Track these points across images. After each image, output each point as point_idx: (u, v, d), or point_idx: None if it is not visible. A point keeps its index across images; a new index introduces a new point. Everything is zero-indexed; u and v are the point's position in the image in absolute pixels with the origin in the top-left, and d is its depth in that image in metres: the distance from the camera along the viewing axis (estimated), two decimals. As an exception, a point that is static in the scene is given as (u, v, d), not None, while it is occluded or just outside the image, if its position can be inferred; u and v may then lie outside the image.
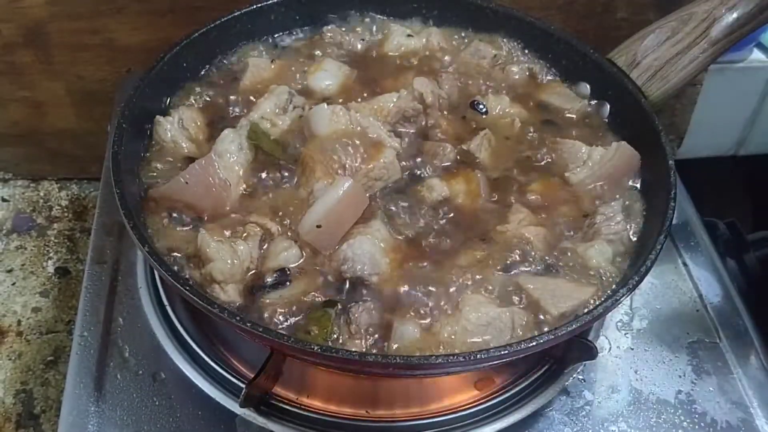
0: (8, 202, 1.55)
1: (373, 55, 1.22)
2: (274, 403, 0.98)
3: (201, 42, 1.13)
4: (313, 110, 1.05)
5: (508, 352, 0.80)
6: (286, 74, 1.17)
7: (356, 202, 0.96)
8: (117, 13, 1.36)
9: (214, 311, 0.81)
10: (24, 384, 1.26)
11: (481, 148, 1.07)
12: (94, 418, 0.97)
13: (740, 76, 1.57)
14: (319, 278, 0.92)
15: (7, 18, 1.35)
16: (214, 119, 1.10)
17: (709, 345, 1.08)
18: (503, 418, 0.98)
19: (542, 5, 1.43)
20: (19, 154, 1.57)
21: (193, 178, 0.97)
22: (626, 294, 0.86)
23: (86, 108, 1.49)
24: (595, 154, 1.06)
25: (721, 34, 1.06)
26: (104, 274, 1.12)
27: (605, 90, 1.15)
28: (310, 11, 1.23)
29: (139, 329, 1.06)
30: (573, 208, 1.03)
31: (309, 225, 0.94)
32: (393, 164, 1.02)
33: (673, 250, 1.19)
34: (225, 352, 1.04)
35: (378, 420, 0.98)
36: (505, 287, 0.92)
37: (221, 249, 0.90)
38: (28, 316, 1.36)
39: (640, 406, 1.01)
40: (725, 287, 1.16)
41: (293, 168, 1.02)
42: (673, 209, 0.93)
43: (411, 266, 0.94)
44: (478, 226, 0.99)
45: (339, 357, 0.81)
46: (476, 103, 1.14)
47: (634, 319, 1.11)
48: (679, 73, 1.08)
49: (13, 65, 1.42)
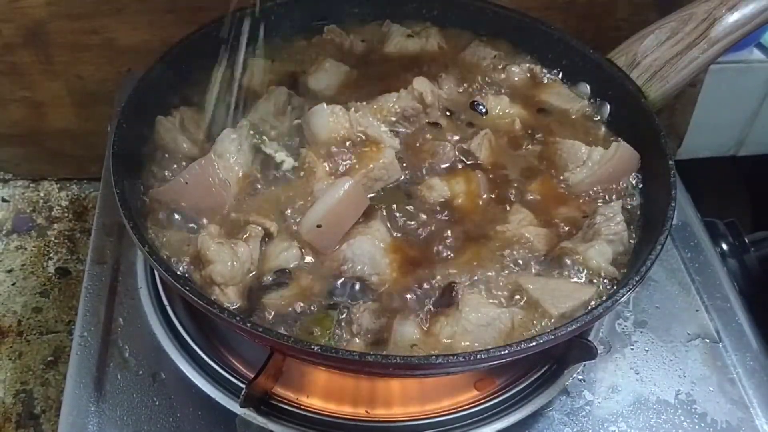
0: (8, 203, 1.55)
1: (373, 55, 1.22)
2: (274, 403, 0.98)
3: (201, 42, 1.13)
4: (312, 110, 1.05)
5: (508, 352, 0.80)
6: (286, 74, 1.17)
7: (356, 202, 0.96)
8: (117, 13, 1.36)
9: (214, 311, 0.81)
10: (24, 384, 1.26)
11: (481, 148, 1.07)
12: (94, 418, 0.97)
13: (740, 76, 1.57)
14: (319, 278, 0.92)
15: (7, 18, 1.35)
16: (214, 119, 1.09)
17: (709, 345, 1.08)
18: (503, 418, 0.98)
19: (542, 5, 1.43)
20: (19, 154, 1.57)
21: (193, 178, 0.97)
22: (626, 294, 0.86)
23: (86, 108, 1.49)
24: (594, 154, 1.06)
25: (721, 34, 1.06)
26: (104, 275, 1.12)
27: (605, 90, 1.15)
28: (310, 11, 1.23)
29: (139, 329, 1.06)
30: (573, 208, 1.03)
31: (309, 225, 0.94)
32: (393, 164, 1.02)
33: (673, 250, 1.19)
34: (225, 352, 1.04)
35: (377, 420, 0.98)
36: (505, 287, 0.92)
37: (222, 251, 0.89)
38: (29, 316, 1.36)
39: (640, 406, 1.01)
40: (725, 287, 1.16)
41: (293, 168, 1.02)
42: (673, 209, 0.93)
43: (411, 266, 0.94)
44: (477, 226, 0.99)
45: (339, 357, 0.81)
46: (476, 103, 1.14)
47: (635, 319, 1.11)
48: (679, 73, 1.08)
49: (13, 65, 1.42)
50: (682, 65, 1.08)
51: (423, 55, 1.22)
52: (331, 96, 1.14)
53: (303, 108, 1.09)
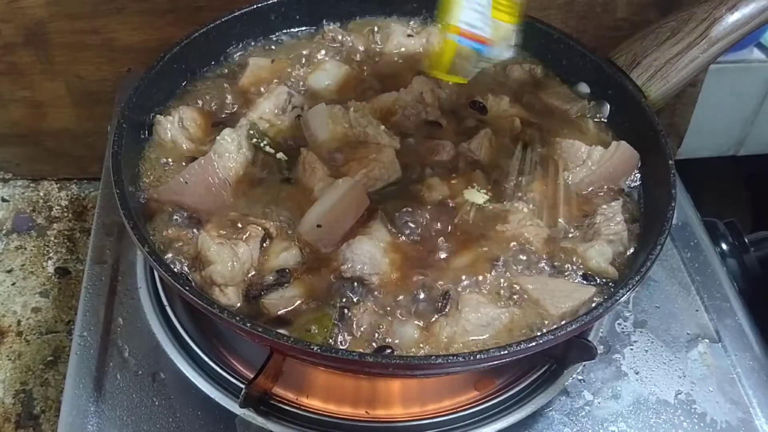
0: (8, 202, 1.55)
1: (373, 55, 1.22)
2: (274, 404, 0.98)
3: (201, 42, 1.13)
4: (312, 110, 1.05)
5: (508, 352, 0.80)
6: (286, 74, 1.17)
7: (357, 202, 0.96)
8: (117, 13, 1.36)
9: (214, 311, 0.81)
10: (24, 384, 1.26)
11: (481, 147, 1.07)
12: (93, 418, 0.97)
13: (740, 76, 1.57)
14: (319, 278, 0.92)
15: (7, 18, 1.35)
16: (213, 119, 1.10)
17: (709, 345, 1.08)
18: (503, 418, 0.98)
19: (542, 5, 1.43)
20: (19, 154, 1.57)
21: (193, 178, 0.97)
22: (626, 294, 0.86)
23: (86, 108, 1.49)
24: (594, 153, 1.06)
25: (721, 34, 1.06)
26: (104, 274, 1.12)
27: (605, 90, 1.15)
28: (310, 11, 1.23)
29: (139, 329, 1.06)
30: (573, 208, 1.03)
31: (310, 224, 0.94)
32: (393, 164, 1.02)
33: (673, 250, 1.19)
34: (225, 352, 1.04)
35: (377, 420, 0.98)
36: (504, 287, 0.92)
37: (222, 251, 0.89)
38: (28, 316, 1.35)
39: (639, 406, 1.01)
40: (725, 287, 1.15)
41: (293, 168, 1.02)
42: (673, 209, 0.93)
43: (411, 266, 0.93)
44: (477, 226, 0.99)
45: (339, 357, 0.81)
46: (476, 102, 1.14)
47: (634, 319, 1.11)
48: (679, 73, 1.08)
49: (13, 65, 1.42)
50: (683, 65, 1.08)
51: (423, 55, 1.22)
52: (330, 95, 1.14)
53: (303, 107, 1.09)
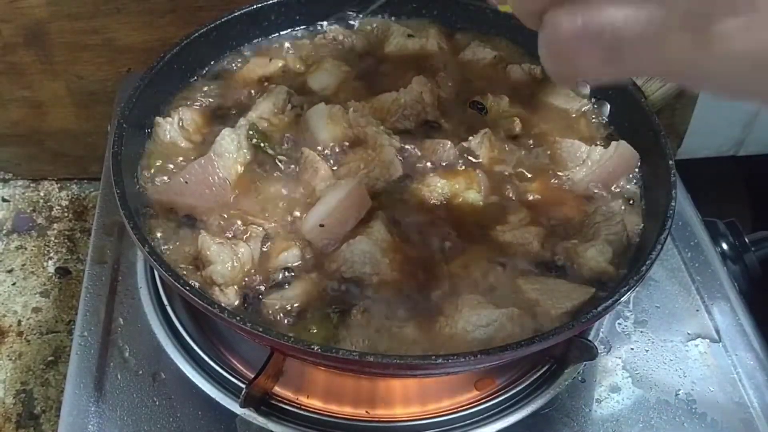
0: (8, 202, 1.56)
1: (373, 55, 1.22)
2: (275, 404, 0.98)
3: (201, 42, 1.13)
4: (311, 110, 1.05)
5: (508, 352, 0.80)
6: (286, 74, 1.17)
7: (360, 202, 0.96)
8: (117, 13, 1.36)
9: (214, 311, 0.81)
10: (24, 384, 1.26)
11: (481, 147, 1.07)
12: (94, 418, 0.97)
13: (740, 76, 1.57)
14: (319, 278, 0.92)
15: (7, 18, 1.35)
16: (213, 119, 1.10)
17: (709, 345, 1.08)
18: (503, 418, 0.98)
19: (542, 5, 1.43)
20: (19, 154, 1.57)
21: (193, 178, 0.97)
22: (626, 294, 0.86)
23: (86, 108, 1.49)
24: (594, 153, 1.06)
25: (721, 33, 1.06)
26: (104, 274, 1.12)
27: (605, 90, 1.14)
28: (310, 11, 1.23)
29: (139, 329, 1.06)
30: (572, 208, 1.03)
31: (311, 224, 0.94)
32: (393, 163, 1.02)
33: (673, 250, 1.19)
34: (225, 352, 1.04)
35: (378, 420, 0.98)
36: (504, 287, 0.92)
37: (222, 252, 0.89)
38: (29, 316, 1.36)
39: (640, 406, 1.01)
40: (725, 287, 1.15)
41: (293, 167, 1.03)
42: (673, 209, 0.93)
43: (411, 266, 0.93)
44: (477, 226, 0.99)
45: (339, 357, 0.80)
46: (476, 103, 1.14)
47: (635, 318, 1.11)
48: (679, 73, 1.08)
49: (13, 65, 1.42)
50: (683, 65, 1.07)
51: (423, 55, 1.22)
52: (330, 95, 1.14)
53: (303, 107, 1.09)
